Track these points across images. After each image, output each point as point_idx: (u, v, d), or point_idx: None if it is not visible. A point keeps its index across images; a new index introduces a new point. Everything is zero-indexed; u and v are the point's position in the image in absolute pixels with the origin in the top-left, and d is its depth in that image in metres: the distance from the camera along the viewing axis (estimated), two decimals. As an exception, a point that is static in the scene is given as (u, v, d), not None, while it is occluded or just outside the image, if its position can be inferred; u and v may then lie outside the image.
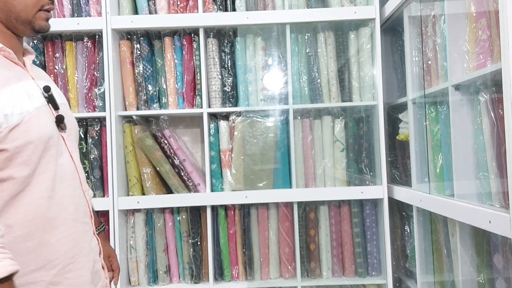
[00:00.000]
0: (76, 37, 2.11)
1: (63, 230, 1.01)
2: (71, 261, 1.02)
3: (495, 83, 1.32)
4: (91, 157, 2.06)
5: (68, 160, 1.05)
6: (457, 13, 1.52)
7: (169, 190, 2.13)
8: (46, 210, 0.98)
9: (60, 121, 1.05)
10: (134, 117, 2.14)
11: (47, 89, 1.04)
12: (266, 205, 2.13)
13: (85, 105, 2.08)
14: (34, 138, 0.95)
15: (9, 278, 0.85)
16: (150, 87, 2.09)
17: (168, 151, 2.08)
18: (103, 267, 1.14)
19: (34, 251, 0.97)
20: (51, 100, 1.05)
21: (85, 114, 2.06)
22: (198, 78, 2.10)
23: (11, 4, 0.98)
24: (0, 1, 0.97)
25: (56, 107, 1.06)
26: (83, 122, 2.10)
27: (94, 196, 2.04)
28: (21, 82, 0.98)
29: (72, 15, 2.09)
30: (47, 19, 1.05)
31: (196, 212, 2.11)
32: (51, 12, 1.06)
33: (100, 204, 2.00)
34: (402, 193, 1.97)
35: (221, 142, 2.10)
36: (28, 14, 1.00)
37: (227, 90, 2.11)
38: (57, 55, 2.10)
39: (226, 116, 2.15)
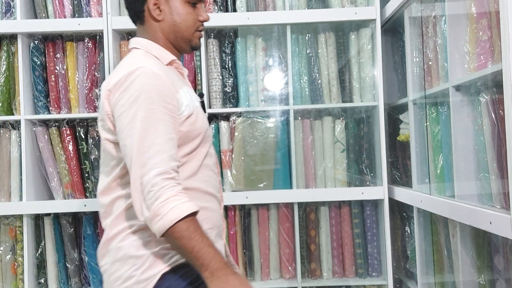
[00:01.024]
0: (77, 37, 2.11)
1: (213, 205, 1.23)
2: (219, 230, 1.25)
3: (495, 83, 1.32)
4: (92, 158, 2.06)
5: (214, 152, 1.30)
6: (458, 14, 1.52)
7: (169, 191, 2.12)
8: (204, 185, 1.20)
9: (209, 120, 1.28)
10: (135, 118, 2.14)
11: (201, 95, 1.35)
12: (266, 206, 2.13)
13: (86, 106, 2.07)
14: (200, 126, 1.20)
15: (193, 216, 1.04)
16: (150, 88, 2.09)
17: (168, 152, 2.08)
18: (225, 245, 1.34)
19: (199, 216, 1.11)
20: (202, 104, 1.31)
21: (86, 115, 2.05)
22: (199, 78, 2.10)
23: (178, 26, 1.23)
24: (170, 25, 1.22)
25: (204, 110, 1.30)
26: (83, 123, 2.10)
27: (94, 196, 2.04)
28: (187, 86, 1.25)
29: (73, 16, 2.09)
30: (200, 38, 1.29)
31: (197, 213, 2.11)
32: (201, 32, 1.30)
33: (101, 204, 2.00)
34: (402, 194, 1.97)
35: (221, 143, 2.10)
36: (189, 33, 1.25)
37: (228, 90, 2.11)
38: (58, 55, 2.10)
39: (226, 117, 2.15)
